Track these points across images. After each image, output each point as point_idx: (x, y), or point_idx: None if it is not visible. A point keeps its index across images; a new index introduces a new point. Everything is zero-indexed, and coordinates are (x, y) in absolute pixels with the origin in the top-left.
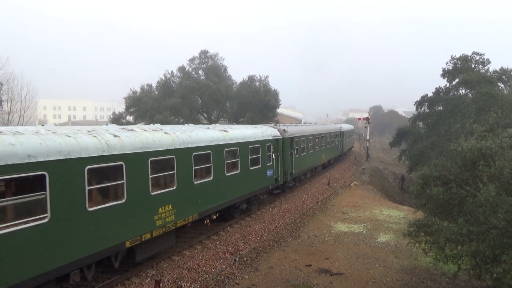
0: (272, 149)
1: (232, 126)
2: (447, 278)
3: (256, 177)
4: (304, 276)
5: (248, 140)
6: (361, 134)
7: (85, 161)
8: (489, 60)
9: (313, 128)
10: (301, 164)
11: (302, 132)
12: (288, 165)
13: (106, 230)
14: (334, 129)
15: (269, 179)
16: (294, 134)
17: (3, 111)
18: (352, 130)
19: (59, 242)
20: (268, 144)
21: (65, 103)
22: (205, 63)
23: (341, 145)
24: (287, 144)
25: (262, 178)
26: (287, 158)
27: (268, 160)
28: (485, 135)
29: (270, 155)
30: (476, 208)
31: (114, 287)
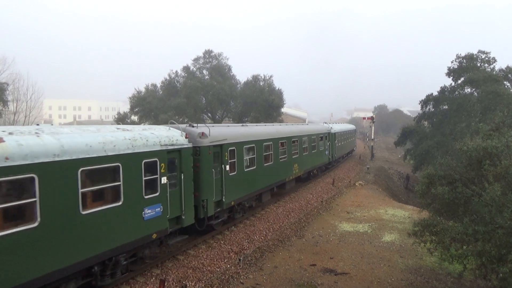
0: (162, 168)
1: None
2: (452, 278)
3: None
4: (309, 276)
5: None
6: (365, 134)
7: None
8: (495, 58)
9: (274, 130)
10: (243, 186)
11: (245, 136)
12: (209, 191)
13: None
14: (318, 130)
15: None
16: (224, 139)
17: (9, 111)
18: (352, 130)
19: None
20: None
21: (70, 103)
22: (209, 62)
23: (332, 150)
24: (206, 156)
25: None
26: (207, 180)
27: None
28: (491, 134)
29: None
30: (482, 208)
31: (120, 286)
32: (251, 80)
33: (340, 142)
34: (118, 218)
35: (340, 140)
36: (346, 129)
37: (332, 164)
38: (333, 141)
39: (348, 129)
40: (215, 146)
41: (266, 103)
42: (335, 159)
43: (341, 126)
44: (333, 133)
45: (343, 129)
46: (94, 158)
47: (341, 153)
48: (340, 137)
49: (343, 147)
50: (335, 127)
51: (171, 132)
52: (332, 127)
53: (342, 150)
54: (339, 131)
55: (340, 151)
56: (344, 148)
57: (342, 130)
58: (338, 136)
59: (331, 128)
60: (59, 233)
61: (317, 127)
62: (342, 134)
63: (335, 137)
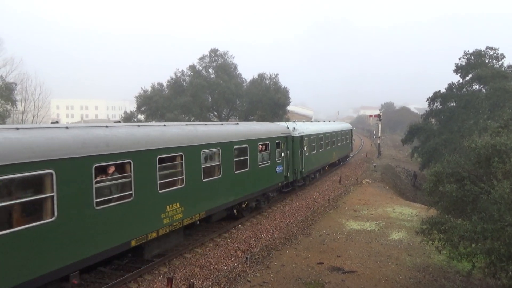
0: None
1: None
2: (461, 276)
3: None
4: (316, 274)
5: None
6: (372, 131)
7: None
8: (503, 55)
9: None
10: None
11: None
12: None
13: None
14: (263, 133)
15: None
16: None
17: (17, 110)
18: (346, 131)
19: None
20: None
21: (77, 102)
22: (215, 61)
23: (296, 163)
24: (296, 143)
25: None
26: (297, 157)
27: None
28: (500, 131)
29: None
30: (491, 205)
31: (128, 284)
32: (257, 79)
33: (316, 150)
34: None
35: (318, 146)
36: (331, 130)
37: (297, 184)
38: (300, 148)
39: (337, 129)
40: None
41: (272, 101)
42: (305, 175)
43: (321, 126)
44: (298, 137)
45: (325, 130)
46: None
47: (319, 164)
48: (318, 142)
49: (323, 156)
50: (307, 127)
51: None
52: (298, 127)
53: (321, 160)
54: (314, 133)
55: (317, 161)
56: (325, 157)
57: (323, 131)
58: (311, 141)
59: (296, 130)
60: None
61: (264, 128)
62: (323, 137)
63: (304, 143)
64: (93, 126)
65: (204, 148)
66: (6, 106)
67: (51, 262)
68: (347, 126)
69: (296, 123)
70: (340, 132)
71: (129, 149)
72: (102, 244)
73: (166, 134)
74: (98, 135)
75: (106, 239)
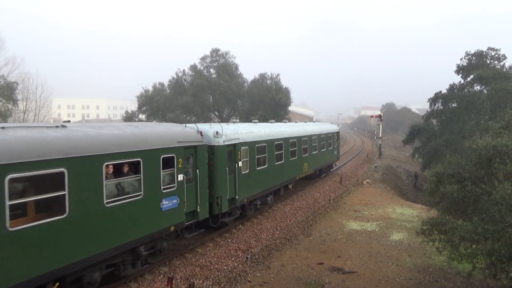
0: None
1: None
2: (461, 277)
3: None
4: (316, 274)
5: None
6: (373, 132)
7: None
8: (505, 55)
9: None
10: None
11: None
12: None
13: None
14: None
15: None
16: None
17: (18, 110)
18: (328, 134)
19: None
20: None
21: (79, 102)
22: (216, 61)
23: (197, 192)
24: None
25: None
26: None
27: None
28: (501, 132)
29: None
30: (492, 206)
31: (128, 283)
32: (258, 79)
33: (268, 163)
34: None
35: (272, 157)
36: (301, 134)
37: (226, 219)
38: (229, 164)
39: (314, 132)
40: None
41: (273, 102)
42: (241, 203)
43: (281, 129)
44: (224, 146)
45: (289, 134)
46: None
47: (275, 183)
48: (273, 151)
49: (284, 171)
50: (248, 131)
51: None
52: (226, 131)
53: (278, 177)
54: (262, 139)
55: (269, 180)
56: (289, 170)
57: (282, 136)
58: (257, 150)
59: (220, 135)
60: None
61: (129, 134)
62: (283, 144)
63: (238, 155)
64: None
65: None
66: (8, 105)
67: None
68: (331, 128)
69: (225, 125)
70: (318, 136)
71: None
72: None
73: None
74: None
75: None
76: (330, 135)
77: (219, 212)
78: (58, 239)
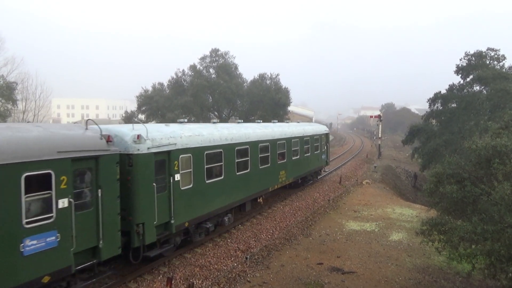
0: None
1: None
2: (461, 278)
3: None
4: (316, 275)
5: None
6: (373, 132)
7: None
8: (504, 56)
9: None
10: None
11: None
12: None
13: None
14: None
15: None
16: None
17: (18, 110)
18: (314, 137)
19: None
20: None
21: (78, 102)
22: (216, 61)
23: (100, 219)
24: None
25: None
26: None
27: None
28: (500, 132)
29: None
30: (491, 207)
31: (127, 283)
32: (258, 79)
33: (224, 174)
34: None
35: (231, 166)
36: (275, 137)
37: (151, 254)
38: (162, 177)
39: (293, 134)
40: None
41: (273, 102)
42: (177, 229)
43: (244, 131)
44: (150, 154)
45: (255, 137)
46: None
47: (234, 199)
48: (232, 159)
49: (251, 181)
50: (193, 133)
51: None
52: (156, 133)
53: (242, 190)
54: (214, 144)
55: (225, 196)
56: (257, 181)
57: (247, 140)
58: (207, 159)
59: (144, 140)
60: None
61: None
62: (249, 148)
63: (175, 165)
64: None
65: None
66: (7, 105)
67: None
68: (318, 129)
69: (156, 126)
70: (301, 139)
71: None
72: None
73: None
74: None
75: None
76: (317, 137)
77: (141, 244)
78: None
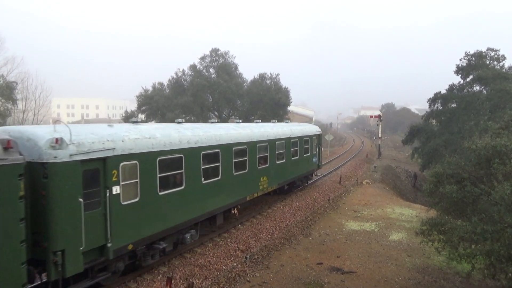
0: None
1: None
2: (460, 278)
3: None
4: (315, 274)
5: None
6: (373, 132)
7: None
8: (504, 56)
9: None
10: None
11: None
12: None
13: None
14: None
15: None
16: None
17: (18, 109)
18: (303, 138)
19: None
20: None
21: (78, 101)
22: (216, 61)
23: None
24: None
25: None
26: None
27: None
28: (500, 132)
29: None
30: (491, 207)
31: (127, 283)
32: (258, 79)
33: (186, 183)
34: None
35: (196, 172)
36: (257, 138)
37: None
38: (96, 191)
39: (273, 136)
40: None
41: (273, 101)
42: (116, 254)
43: (207, 132)
44: (74, 163)
45: (231, 139)
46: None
47: (198, 212)
48: (198, 164)
49: (222, 190)
50: (142, 134)
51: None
52: (70, 137)
53: (213, 201)
54: (173, 148)
55: (188, 209)
56: (229, 190)
57: (206, 142)
58: (160, 166)
59: (67, 144)
60: None
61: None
62: (222, 152)
63: (113, 176)
64: None
65: None
66: (7, 105)
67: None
68: (308, 130)
69: (88, 127)
70: (287, 141)
71: None
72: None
73: None
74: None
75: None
76: (307, 138)
77: (59, 277)
78: None
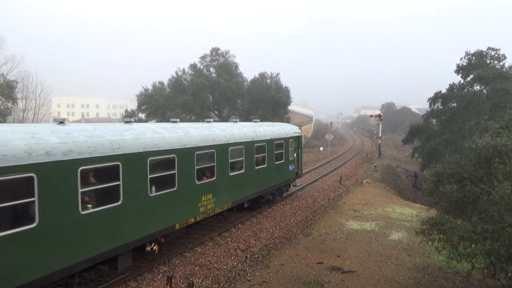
0: None
1: None
2: (460, 277)
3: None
4: (316, 274)
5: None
6: (373, 131)
7: None
8: (505, 55)
9: None
10: None
11: None
12: None
13: None
14: None
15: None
16: None
17: (18, 108)
18: (276, 142)
19: None
20: None
21: (78, 100)
22: (216, 60)
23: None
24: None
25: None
26: None
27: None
28: (500, 132)
29: None
30: (491, 206)
31: (127, 282)
32: (258, 78)
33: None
34: None
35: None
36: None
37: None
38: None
39: (229, 139)
40: None
41: (273, 101)
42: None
43: (100, 136)
44: None
45: (132, 146)
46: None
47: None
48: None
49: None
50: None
51: None
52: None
53: (119, 233)
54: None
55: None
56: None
57: (96, 152)
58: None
59: None
60: None
61: None
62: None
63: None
64: None
65: None
66: (7, 104)
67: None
68: (284, 132)
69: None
70: (249, 145)
71: None
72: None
73: None
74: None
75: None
76: (279, 142)
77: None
78: None
